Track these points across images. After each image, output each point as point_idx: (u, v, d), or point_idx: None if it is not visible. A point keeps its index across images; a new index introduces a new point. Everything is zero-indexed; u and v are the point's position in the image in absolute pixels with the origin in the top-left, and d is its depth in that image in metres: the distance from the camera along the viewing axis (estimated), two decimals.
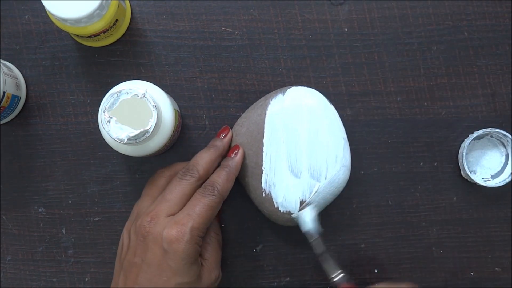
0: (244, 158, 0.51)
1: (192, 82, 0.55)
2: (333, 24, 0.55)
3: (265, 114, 0.51)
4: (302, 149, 0.50)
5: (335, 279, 0.48)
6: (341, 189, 0.51)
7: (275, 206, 0.50)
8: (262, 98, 0.52)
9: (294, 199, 0.50)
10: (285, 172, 0.50)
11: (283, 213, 0.50)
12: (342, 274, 0.48)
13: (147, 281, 0.45)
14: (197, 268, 0.46)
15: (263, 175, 0.50)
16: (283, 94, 0.51)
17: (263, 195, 0.50)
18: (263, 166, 0.50)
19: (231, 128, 0.53)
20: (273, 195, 0.50)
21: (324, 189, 0.50)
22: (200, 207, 0.46)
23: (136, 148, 0.48)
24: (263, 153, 0.50)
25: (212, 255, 0.48)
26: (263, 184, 0.50)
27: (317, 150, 0.50)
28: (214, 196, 0.47)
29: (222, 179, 0.48)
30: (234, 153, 0.50)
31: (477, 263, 0.55)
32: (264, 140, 0.50)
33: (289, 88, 0.51)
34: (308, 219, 0.50)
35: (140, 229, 0.46)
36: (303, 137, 0.50)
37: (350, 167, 0.51)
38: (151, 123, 0.45)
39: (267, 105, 0.51)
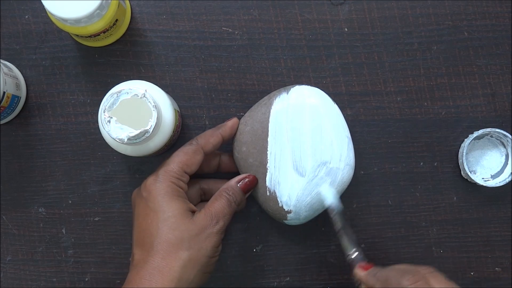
0: (248, 157, 0.51)
1: (192, 82, 0.55)
2: (333, 24, 0.55)
3: (269, 112, 0.50)
4: (306, 147, 0.50)
5: (351, 257, 0.48)
6: (345, 187, 0.51)
7: (280, 205, 0.50)
8: (266, 97, 0.52)
9: None
10: (289, 171, 0.50)
11: (287, 212, 0.50)
12: (356, 253, 0.48)
13: (139, 232, 0.47)
14: (179, 205, 0.46)
15: (268, 174, 0.50)
16: (287, 92, 0.51)
17: (268, 193, 0.50)
18: (268, 164, 0.50)
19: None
20: (277, 193, 0.50)
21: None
22: (175, 154, 0.48)
23: (136, 148, 0.48)
24: (268, 152, 0.50)
25: (216, 207, 0.47)
26: (267, 183, 0.50)
27: (321, 149, 0.50)
28: (191, 145, 0.49)
29: (205, 134, 0.50)
30: (228, 120, 0.52)
31: (477, 263, 0.55)
32: (269, 139, 0.50)
33: (293, 87, 0.51)
34: (330, 194, 0.49)
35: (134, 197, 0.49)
36: (307, 136, 0.50)
37: (354, 166, 0.51)
38: (151, 123, 0.45)
39: (271, 104, 0.51)
